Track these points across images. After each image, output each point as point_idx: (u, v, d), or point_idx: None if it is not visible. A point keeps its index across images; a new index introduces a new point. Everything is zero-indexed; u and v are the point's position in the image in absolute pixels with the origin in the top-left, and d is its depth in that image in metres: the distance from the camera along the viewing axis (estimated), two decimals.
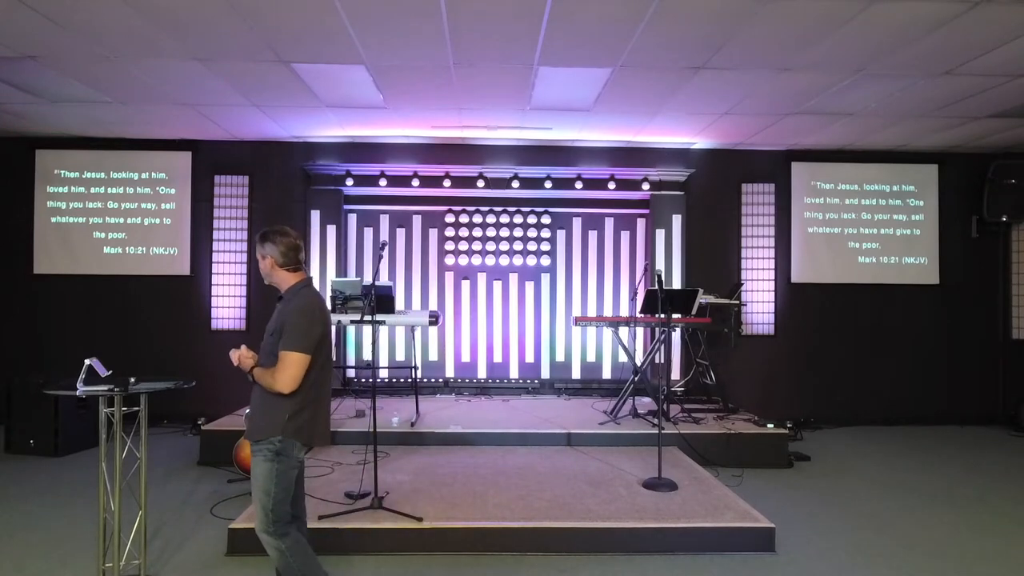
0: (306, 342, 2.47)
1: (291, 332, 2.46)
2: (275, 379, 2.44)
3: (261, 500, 2.49)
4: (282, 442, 2.48)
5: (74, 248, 6.73)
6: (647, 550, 3.46)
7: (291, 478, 2.54)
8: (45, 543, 3.58)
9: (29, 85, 5.12)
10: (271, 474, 2.47)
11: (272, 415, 2.49)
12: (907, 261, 7.07)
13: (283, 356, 2.45)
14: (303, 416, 2.52)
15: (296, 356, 2.44)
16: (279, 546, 2.50)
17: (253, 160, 6.83)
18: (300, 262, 2.62)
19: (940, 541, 3.74)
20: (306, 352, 2.46)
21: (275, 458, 2.48)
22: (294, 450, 2.52)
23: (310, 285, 2.66)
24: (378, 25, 4.00)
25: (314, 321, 2.53)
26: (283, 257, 2.57)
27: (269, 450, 2.48)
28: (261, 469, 2.49)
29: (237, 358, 2.57)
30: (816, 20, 3.87)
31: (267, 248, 2.58)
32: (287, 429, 2.48)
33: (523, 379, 6.98)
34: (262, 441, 2.50)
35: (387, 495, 3.81)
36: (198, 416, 6.07)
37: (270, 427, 2.48)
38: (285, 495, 2.52)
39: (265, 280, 2.67)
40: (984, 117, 5.75)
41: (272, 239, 2.57)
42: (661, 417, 4.51)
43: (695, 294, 5.60)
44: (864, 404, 6.98)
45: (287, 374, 2.43)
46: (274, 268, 2.59)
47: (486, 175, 6.71)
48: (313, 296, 2.62)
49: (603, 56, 4.46)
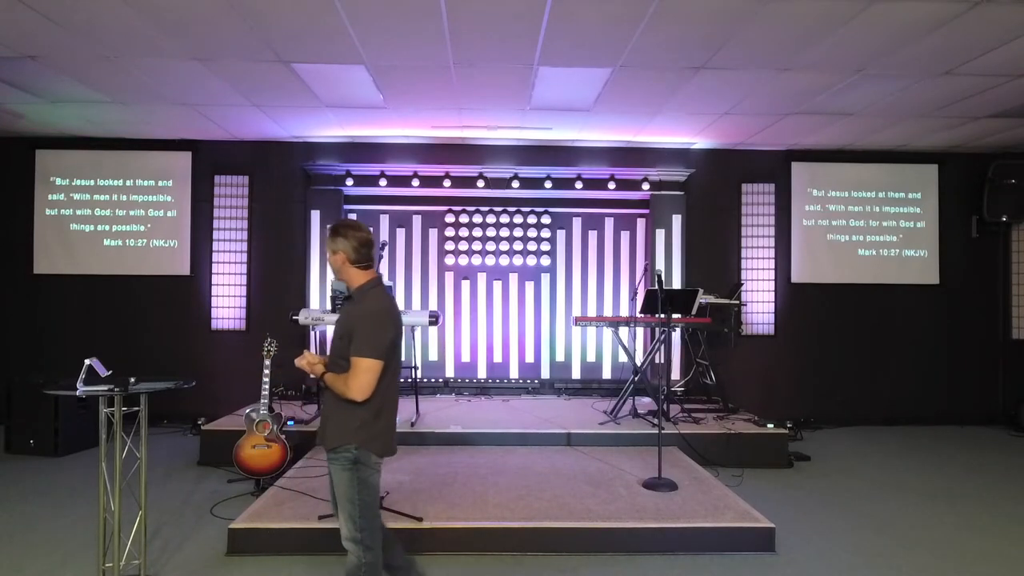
0: (378, 348, 2.36)
1: (362, 337, 2.36)
2: (348, 386, 2.35)
3: (347, 508, 2.42)
4: (358, 450, 2.41)
5: (74, 248, 6.73)
6: (647, 550, 3.46)
7: (375, 483, 2.48)
8: (45, 543, 3.58)
9: (29, 85, 5.12)
10: (352, 482, 2.41)
11: (346, 422, 2.41)
12: (907, 261, 7.07)
13: (355, 363, 2.35)
14: (377, 425, 2.44)
15: (369, 363, 2.34)
16: (362, 558, 2.42)
17: (253, 160, 6.84)
18: (372, 259, 2.50)
19: (940, 541, 3.74)
20: (379, 358, 2.36)
21: (353, 467, 2.41)
22: (371, 458, 2.45)
23: (380, 284, 2.53)
24: (378, 25, 4.00)
25: (385, 325, 2.42)
26: (355, 253, 2.45)
27: (346, 459, 2.41)
28: (341, 478, 2.43)
29: (306, 365, 2.48)
30: (816, 20, 3.87)
31: (339, 243, 2.44)
32: (359, 436, 2.40)
33: (523, 379, 6.98)
34: (338, 450, 2.42)
35: (387, 495, 3.81)
36: (198, 416, 6.09)
37: (344, 435, 2.41)
38: (372, 501, 2.46)
39: (335, 276, 2.55)
40: (984, 117, 5.75)
41: (344, 233, 2.44)
42: (661, 417, 4.50)
43: (695, 294, 5.60)
44: (864, 404, 6.99)
45: (360, 381, 2.34)
46: (345, 264, 2.46)
47: (486, 175, 6.71)
48: (383, 297, 2.50)
49: (603, 56, 4.46)
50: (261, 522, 3.49)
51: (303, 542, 3.42)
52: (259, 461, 4.31)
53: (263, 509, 3.69)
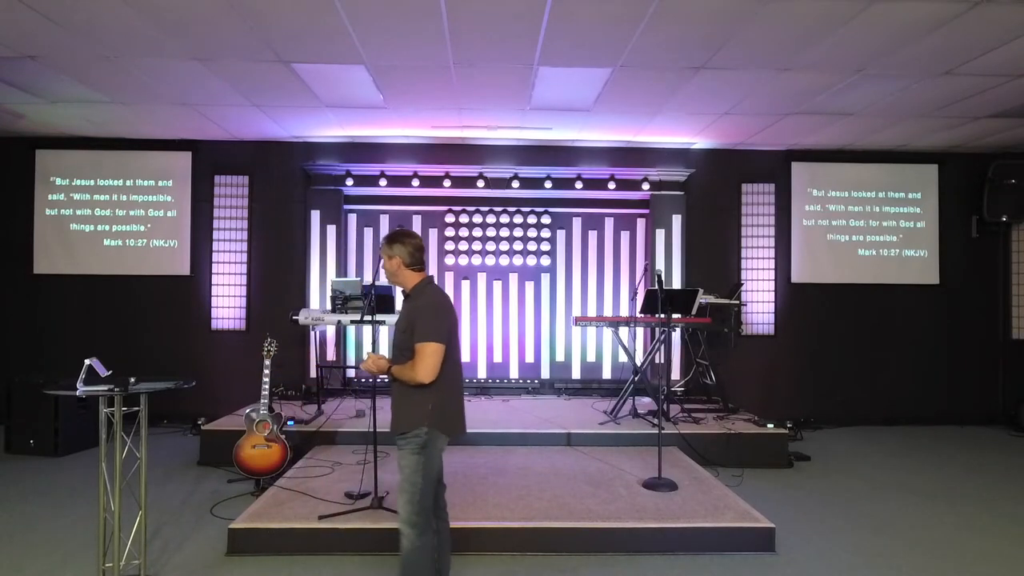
0: (440, 332, 2.61)
1: (424, 324, 2.61)
2: (415, 370, 2.57)
3: (408, 492, 2.59)
4: (428, 433, 2.61)
5: (74, 248, 6.73)
6: (647, 550, 3.46)
7: (436, 468, 2.69)
8: (45, 543, 3.58)
9: (29, 85, 5.12)
10: (418, 466, 2.60)
11: (417, 406, 2.62)
12: (907, 261, 7.07)
13: (420, 348, 2.58)
14: (447, 407, 2.68)
15: (433, 346, 2.58)
16: (415, 543, 2.58)
17: (253, 160, 6.84)
18: (423, 263, 2.80)
19: (940, 541, 3.74)
20: (441, 342, 2.60)
21: (421, 451, 2.60)
22: (439, 441, 2.65)
23: (433, 283, 2.82)
24: (378, 25, 4.00)
25: (443, 313, 2.69)
26: (410, 257, 2.74)
27: (416, 443, 2.60)
28: (408, 462, 2.61)
29: (372, 364, 2.69)
30: (816, 20, 3.87)
31: (396, 249, 2.73)
32: (432, 419, 2.61)
33: (523, 379, 6.98)
34: (408, 434, 2.62)
35: (387, 495, 3.81)
36: (198, 416, 6.09)
37: (416, 418, 2.61)
38: (430, 486, 2.64)
39: (388, 280, 2.82)
40: (984, 117, 5.75)
41: (401, 240, 2.74)
42: (661, 417, 4.51)
43: (695, 294, 5.60)
44: (864, 404, 6.99)
45: (426, 363, 2.56)
46: (401, 268, 2.74)
47: (486, 175, 6.71)
48: (438, 292, 2.79)
49: (603, 56, 4.46)
50: (261, 522, 3.49)
51: (303, 542, 3.42)
52: (259, 461, 4.31)
53: (263, 509, 3.69)
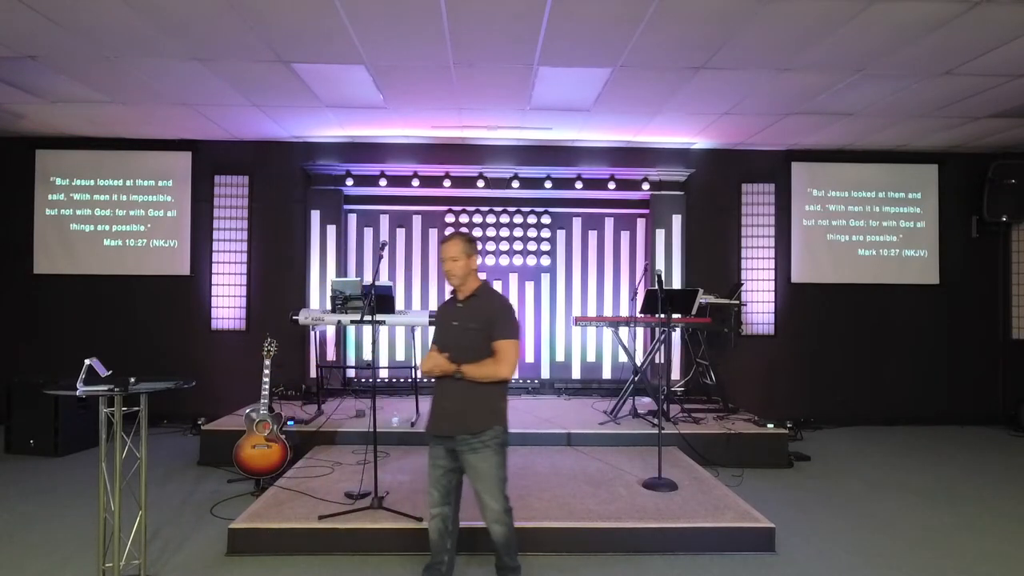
0: (518, 331, 2.78)
1: (505, 323, 2.73)
2: (499, 367, 2.69)
3: (497, 487, 2.74)
4: (505, 431, 2.77)
5: (74, 248, 6.73)
6: (647, 550, 3.46)
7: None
8: (45, 543, 3.58)
9: (29, 85, 5.12)
10: (502, 463, 2.75)
11: (493, 404, 2.76)
12: (907, 261, 7.07)
13: (503, 345, 2.70)
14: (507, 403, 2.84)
15: (516, 343, 2.74)
16: (510, 529, 2.79)
17: (253, 160, 6.84)
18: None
19: (940, 541, 3.74)
20: (518, 339, 2.76)
21: (501, 449, 2.74)
22: (507, 435, 2.81)
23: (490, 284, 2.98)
24: (378, 25, 4.00)
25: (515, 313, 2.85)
26: (475, 262, 2.89)
27: (496, 442, 2.72)
28: (493, 462, 2.72)
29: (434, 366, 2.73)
30: (816, 20, 3.87)
31: (474, 250, 2.86)
32: (505, 417, 2.77)
33: (523, 379, 6.98)
34: (486, 433, 2.70)
35: (387, 495, 3.81)
36: (198, 416, 6.09)
37: (494, 416, 2.74)
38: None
39: (450, 279, 2.84)
40: (984, 117, 5.75)
41: (476, 246, 2.90)
42: (661, 417, 4.51)
43: (695, 294, 5.59)
44: (864, 404, 6.99)
45: (511, 360, 2.70)
46: (471, 271, 2.86)
47: (486, 175, 6.71)
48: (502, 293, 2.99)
49: (603, 56, 4.46)
50: (261, 522, 3.49)
51: (303, 542, 3.41)
52: (259, 461, 4.32)
53: (263, 509, 3.69)
